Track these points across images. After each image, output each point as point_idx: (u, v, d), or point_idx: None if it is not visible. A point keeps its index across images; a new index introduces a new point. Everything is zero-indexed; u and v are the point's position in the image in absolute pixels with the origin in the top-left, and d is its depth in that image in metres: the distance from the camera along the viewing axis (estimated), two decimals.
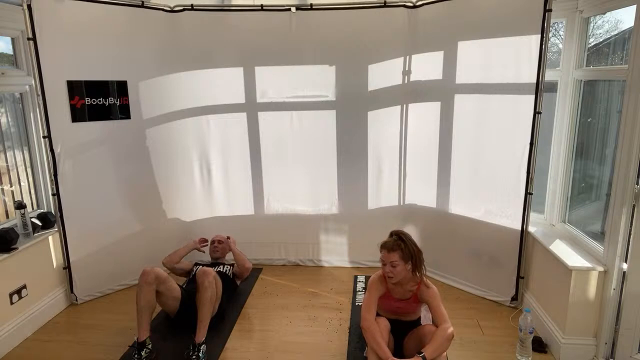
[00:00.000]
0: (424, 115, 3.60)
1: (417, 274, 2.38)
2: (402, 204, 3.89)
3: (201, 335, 2.67)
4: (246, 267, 3.40)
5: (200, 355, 2.60)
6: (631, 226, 2.32)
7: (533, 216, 3.15)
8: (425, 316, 2.90)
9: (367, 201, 3.91)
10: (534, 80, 2.88)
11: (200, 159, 3.94)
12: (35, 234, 3.17)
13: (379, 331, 2.28)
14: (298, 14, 3.57)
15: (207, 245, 3.53)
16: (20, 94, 3.31)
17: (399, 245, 2.33)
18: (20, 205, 3.08)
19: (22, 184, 3.39)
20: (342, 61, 3.67)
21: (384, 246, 2.37)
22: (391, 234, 2.43)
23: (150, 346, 2.64)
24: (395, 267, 2.32)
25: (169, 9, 3.57)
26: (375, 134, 3.76)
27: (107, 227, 3.49)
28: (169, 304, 2.88)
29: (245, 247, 4.03)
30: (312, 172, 3.90)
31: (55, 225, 3.28)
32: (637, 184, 2.27)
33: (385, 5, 3.48)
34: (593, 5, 2.75)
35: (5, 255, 2.85)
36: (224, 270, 3.39)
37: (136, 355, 2.57)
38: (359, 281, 3.69)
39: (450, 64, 3.35)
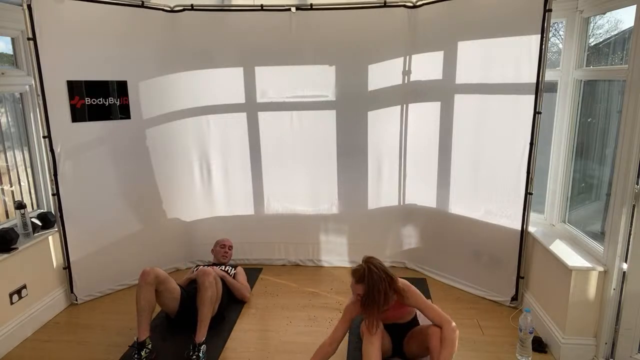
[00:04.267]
0: (424, 115, 3.60)
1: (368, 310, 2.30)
2: (402, 204, 3.89)
3: (201, 335, 2.67)
4: (246, 298, 3.39)
5: (201, 355, 2.60)
6: (631, 226, 2.32)
7: (533, 216, 3.15)
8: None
9: (367, 201, 3.91)
10: (534, 80, 2.88)
11: (200, 159, 3.94)
12: (35, 234, 3.17)
13: (321, 356, 2.36)
14: (298, 14, 3.57)
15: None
16: (20, 94, 3.31)
17: (364, 279, 2.26)
18: (20, 205, 3.08)
19: (22, 184, 3.39)
20: (342, 61, 3.67)
21: (353, 275, 2.33)
22: (363, 260, 2.35)
23: (150, 346, 2.64)
24: (360, 296, 2.29)
25: (169, 9, 3.57)
26: (375, 134, 3.76)
27: (107, 227, 3.49)
28: (168, 304, 2.87)
29: (245, 247, 4.06)
30: (312, 172, 3.90)
31: (55, 225, 3.28)
32: (637, 184, 2.27)
33: (385, 5, 3.48)
34: (593, 5, 2.75)
35: (5, 255, 2.85)
36: (227, 270, 3.39)
37: (136, 355, 2.57)
38: None
39: (450, 64, 3.35)
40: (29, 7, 2.90)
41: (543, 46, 2.80)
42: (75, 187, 3.27)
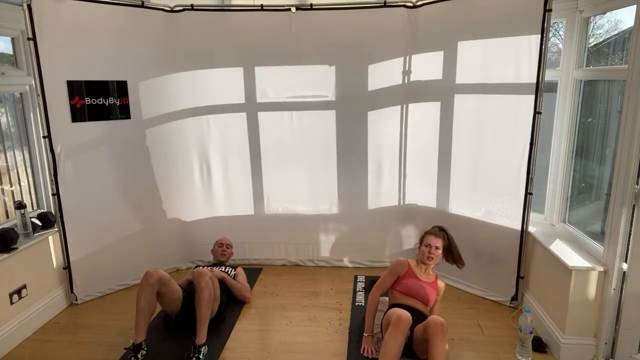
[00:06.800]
0: (424, 115, 3.60)
1: (455, 263, 2.87)
2: (402, 204, 3.89)
3: (202, 336, 2.66)
4: (247, 299, 3.38)
5: (201, 357, 2.59)
6: (631, 226, 2.32)
7: (533, 216, 3.15)
8: None
9: (367, 201, 3.91)
10: (534, 80, 2.88)
11: (200, 159, 3.94)
12: (35, 234, 3.17)
13: (374, 306, 2.75)
14: (298, 14, 3.57)
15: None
16: (20, 94, 3.31)
17: (444, 236, 2.81)
18: (20, 205, 3.08)
19: (22, 184, 3.39)
20: (342, 61, 3.66)
21: (431, 232, 2.83)
22: (434, 227, 2.87)
23: (146, 349, 2.62)
24: (438, 249, 2.77)
25: (169, 9, 3.57)
26: (375, 134, 3.76)
27: (107, 227, 3.49)
28: (170, 305, 2.87)
29: (245, 247, 4.06)
30: (312, 172, 3.90)
31: (55, 225, 3.27)
32: (637, 184, 2.27)
33: (385, 5, 3.47)
34: (593, 5, 2.75)
35: (5, 255, 2.84)
36: (226, 270, 3.39)
37: (132, 358, 2.56)
38: (359, 281, 3.69)
39: (450, 64, 3.35)
40: (29, 7, 2.90)
41: (543, 46, 2.80)
42: (75, 187, 3.26)
